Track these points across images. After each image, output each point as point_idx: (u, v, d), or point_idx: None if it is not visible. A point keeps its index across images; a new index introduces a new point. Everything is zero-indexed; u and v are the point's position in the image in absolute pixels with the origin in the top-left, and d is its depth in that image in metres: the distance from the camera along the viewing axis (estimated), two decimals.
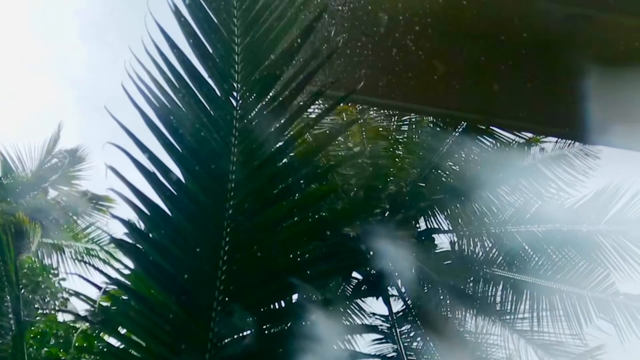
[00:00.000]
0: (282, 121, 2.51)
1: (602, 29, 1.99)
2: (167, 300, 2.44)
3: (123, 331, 2.62)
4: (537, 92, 2.15)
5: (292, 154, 2.63)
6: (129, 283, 2.50)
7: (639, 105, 1.88)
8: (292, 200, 2.58)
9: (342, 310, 7.02)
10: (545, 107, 2.19)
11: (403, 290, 7.77)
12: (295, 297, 2.68)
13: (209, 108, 2.43)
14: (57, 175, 10.90)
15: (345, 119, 7.17)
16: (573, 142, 7.24)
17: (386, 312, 7.76)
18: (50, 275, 8.15)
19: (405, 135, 7.99)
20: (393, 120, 7.94)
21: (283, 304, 2.77)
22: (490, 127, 7.11)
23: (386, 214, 7.62)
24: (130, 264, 2.51)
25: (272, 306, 2.69)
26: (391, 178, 7.74)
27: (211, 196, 2.44)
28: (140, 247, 2.48)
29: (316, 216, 2.73)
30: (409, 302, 7.74)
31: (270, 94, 2.48)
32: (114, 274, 2.50)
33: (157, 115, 2.31)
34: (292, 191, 2.59)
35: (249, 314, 2.51)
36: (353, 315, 7.68)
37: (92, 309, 2.62)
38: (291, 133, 2.56)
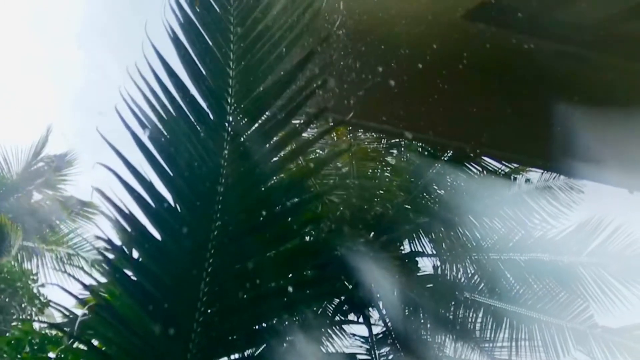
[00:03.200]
0: (273, 145, 2.53)
1: (591, 68, 2.03)
2: (146, 320, 2.42)
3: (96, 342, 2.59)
4: (525, 124, 2.19)
5: (281, 178, 2.64)
6: (107, 297, 2.49)
7: (624, 143, 1.92)
8: (278, 224, 2.58)
9: (322, 330, 6.99)
10: (532, 139, 2.23)
11: (384, 312, 7.77)
12: (276, 319, 2.67)
13: (200, 130, 2.44)
14: (43, 178, 10.81)
15: (335, 138, 7.20)
16: (558, 175, 7.33)
17: (366, 334, 7.75)
18: (30, 281, 8.03)
19: (393, 159, 8.03)
20: (382, 142, 7.99)
21: (264, 327, 2.76)
22: (478, 156, 7.18)
23: (371, 235, 7.62)
24: (110, 276, 2.49)
25: (253, 329, 2.68)
26: (377, 199, 7.76)
27: (197, 217, 2.44)
28: (122, 265, 2.47)
29: (301, 241, 2.74)
30: (389, 324, 7.73)
31: (262, 118, 2.50)
32: (93, 282, 2.48)
33: (147, 136, 2.31)
34: (279, 215, 2.59)
35: (229, 336, 2.51)
36: (333, 336, 7.64)
37: (68, 318, 2.60)
38: (281, 156, 2.57)
